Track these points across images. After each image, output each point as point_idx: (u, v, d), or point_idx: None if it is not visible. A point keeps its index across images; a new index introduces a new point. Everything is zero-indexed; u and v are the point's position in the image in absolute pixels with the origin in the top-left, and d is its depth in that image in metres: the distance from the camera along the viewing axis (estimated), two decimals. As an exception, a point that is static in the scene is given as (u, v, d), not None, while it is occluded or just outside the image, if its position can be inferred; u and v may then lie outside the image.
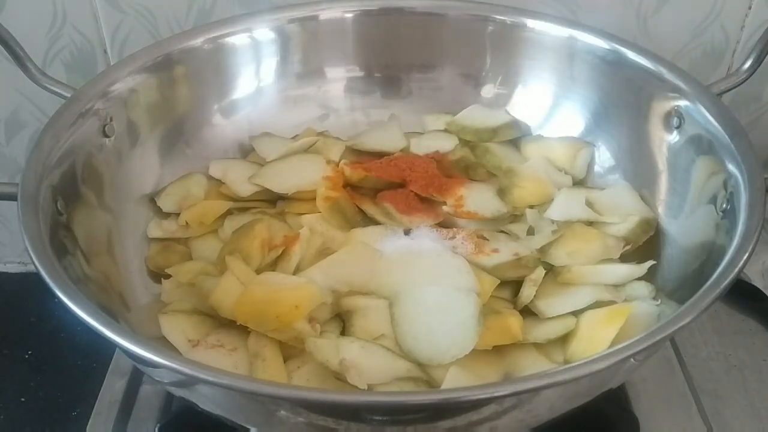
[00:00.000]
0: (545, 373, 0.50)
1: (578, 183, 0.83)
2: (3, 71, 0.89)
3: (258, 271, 0.71)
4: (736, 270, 0.56)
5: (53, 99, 0.73)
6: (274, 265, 0.72)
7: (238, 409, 0.58)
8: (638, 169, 0.80)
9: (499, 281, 0.70)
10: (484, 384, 0.49)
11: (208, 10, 0.87)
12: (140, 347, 0.51)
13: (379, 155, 0.85)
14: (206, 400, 0.59)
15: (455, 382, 0.61)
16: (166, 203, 0.78)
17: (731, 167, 0.66)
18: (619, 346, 0.51)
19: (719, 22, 0.89)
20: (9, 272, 1.07)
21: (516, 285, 0.72)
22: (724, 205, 0.66)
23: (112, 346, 0.80)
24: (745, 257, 0.57)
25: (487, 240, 0.75)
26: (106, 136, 0.74)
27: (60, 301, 0.54)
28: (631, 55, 0.78)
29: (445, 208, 0.78)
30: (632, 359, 0.53)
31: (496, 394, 0.48)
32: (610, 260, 0.73)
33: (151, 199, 0.79)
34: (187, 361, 0.52)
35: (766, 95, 0.95)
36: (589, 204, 0.78)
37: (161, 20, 0.88)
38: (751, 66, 0.77)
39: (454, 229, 0.76)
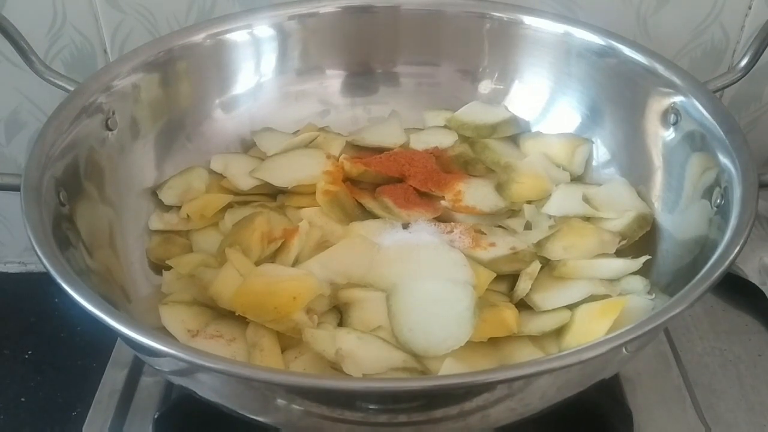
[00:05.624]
0: (536, 360, 0.51)
1: (576, 179, 0.83)
2: (3, 71, 0.90)
3: (257, 263, 0.71)
4: (727, 263, 0.57)
5: (53, 99, 0.74)
6: (273, 258, 0.73)
7: (236, 396, 0.59)
8: (634, 164, 0.80)
9: (495, 275, 0.71)
10: (476, 371, 0.50)
11: (208, 10, 0.88)
12: (143, 335, 0.52)
13: (379, 150, 0.85)
14: (205, 388, 0.59)
15: (450, 373, 0.62)
16: (167, 196, 0.79)
17: (726, 163, 0.67)
18: (609, 335, 0.52)
19: (719, 22, 0.89)
20: (9, 272, 1.07)
21: (512, 278, 0.73)
22: (719, 201, 0.66)
23: (112, 345, 0.82)
24: (736, 251, 0.58)
25: (485, 234, 0.76)
26: (109, 129, 0.75)
27: (63, 294, 0.54)
28: (627, 51, 0.79)
29: (443, 202, 0.79)
30: (623, 349, 0.53)
31: (488, 380, 0.49)
32: (605, 255, 0.74)
33: (153, 192, 0.80)
34: (188, 348, 0.53)
35: (766, 95, 0.95)
36: (586, 200, 0.78)
37: (161, 20, 0.88)
38: (748, 63, 0.77)
39: (452, 223, 0.77)
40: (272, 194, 0.82)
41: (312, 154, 0.83)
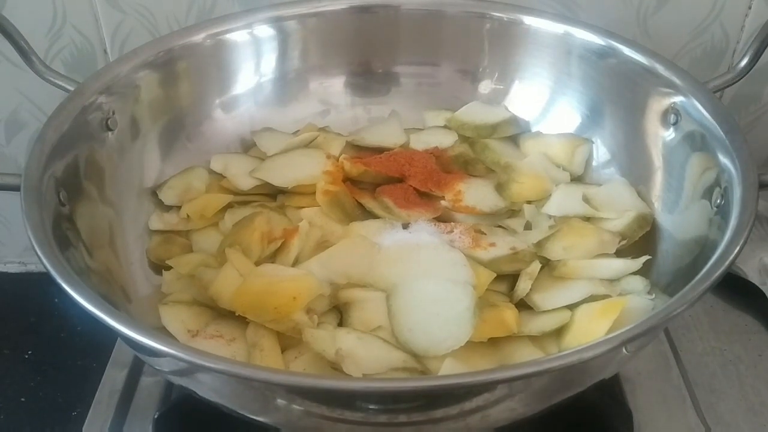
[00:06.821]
0: (536, 360, 0.51)
1: (576, 179, 0.83)
2: (3, 71, 0.90)
3: (257, 263, 0.71)
4: (727, 263, 0.57)
5: (53, 99, 0.74)
6: (273, 258, 0.73)
7: (236, 396, 0.59)
8: (634, 164, 0.80)
9: (495, 275, 0.71)
10: (476, 371, 0.50)
11: (208, 10, 0.88)
12: (143, 335, 0.52)
13: (379, 150, 0.85)
14: (205, 388, 0.59)
15: (450, 373, 0.62)
16: (167, 196, 0.79)
17: (725, 163, 0.67)
18: (609, 335, 0.52)
19: (719, 22, 0.89)
20: (9, 272, 1.07)
21: (512, 278, 0.73)
22: (719, 201, 0.66)
23: (112, 345, 0.82)
24: (736, 251, 0.58)
25: (485, 234, 0.76)
26: (109, 129, 0.75)
27: (63, 294, 0.54)
28: (626, 51, 0.79)
29: (443, 202, 0.79)
30: (623, 349, 0.53)
31: (488, 380, 0.49)
32: (605, 255, 0.74)
33: (153, 192, 0.80)
34: (188, 348, 0.53)
35: (766, 95, 0.95)
36: (586, 200, 0.78)
37: (161, 20, 0.88)
38: (748, 64, 0.77)
39: (452, 223, 0.77)
40: (272, 194, 0.82)
41: (312, 154, 0.83)
